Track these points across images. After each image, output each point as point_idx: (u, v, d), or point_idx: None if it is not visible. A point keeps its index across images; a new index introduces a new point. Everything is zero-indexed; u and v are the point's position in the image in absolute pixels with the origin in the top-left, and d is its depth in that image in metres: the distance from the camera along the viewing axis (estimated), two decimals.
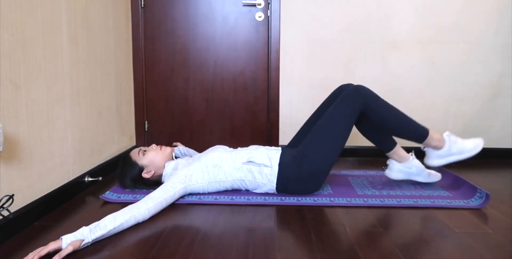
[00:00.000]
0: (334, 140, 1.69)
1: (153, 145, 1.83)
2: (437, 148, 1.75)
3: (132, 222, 1.34)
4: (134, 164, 1.75)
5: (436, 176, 1.89)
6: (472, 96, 2.56)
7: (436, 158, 1.77)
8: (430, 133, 1.73)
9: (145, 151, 1.78)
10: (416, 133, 1.73)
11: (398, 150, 1.84)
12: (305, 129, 1.90)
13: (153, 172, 1.75)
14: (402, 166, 1.84)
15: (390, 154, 1.85)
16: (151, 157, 1.76)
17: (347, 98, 1.69)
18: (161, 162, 1.77)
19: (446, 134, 1.76)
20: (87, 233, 1.20)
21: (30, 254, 1.11)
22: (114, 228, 1.27)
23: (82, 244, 1.18)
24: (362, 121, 1.82)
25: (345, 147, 2.58)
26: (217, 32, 2.54)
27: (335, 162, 1.80)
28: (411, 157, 1.84)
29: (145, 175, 1.74)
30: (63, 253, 1.12)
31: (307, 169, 1.66)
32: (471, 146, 1.74)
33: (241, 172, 1.69)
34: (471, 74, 2.54)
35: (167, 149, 1.83)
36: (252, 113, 2.62)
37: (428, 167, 1.88)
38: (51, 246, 1.13)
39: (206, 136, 2.65)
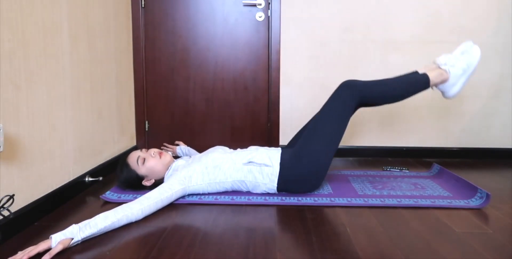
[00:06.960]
0: (330, 135, 1.68)
1: (152, 152, 1.75)
2: (445, 80, 1.71)
3: (124, 221, 1.34)
4: (133, 173, 1.70)
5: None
6: (472, 96, 2.56)
7: (451, 88, 1.73)
8: (428, 74, 1.69)
9: (144, 158, 1.71)
10: (419, 85, 1.70)
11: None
12: (303, 129, 1.89)
13: (153, 180, 1.74)
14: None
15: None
16: (151, 167, 1.70)
17: (337, 94, 1.71)
18: (161, 171, 1.73)
19: (441, 65, 1.71)
20: (76, 232, 1.19)
21: (19, 253, 1.10)
22: (105, 227, 1.27)
23: (71, 243, 1.17)
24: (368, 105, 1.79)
25: (345, 147, 2.63)
26: (218, 32, 2.54)
27: (332, 161, 1.79)
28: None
29: (145, 183, 1.72)
30: (53, 251, 1.12)
31: (307, 165, 1.65)
32: (470, 57, 1.69)
33: (242, 173, 1.68)
34: None
35: (167, 157, 1.76)
36: (253, 113, 2.62)
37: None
38: (41, 246, 1.13)
39: (207, 136, 2.65)
